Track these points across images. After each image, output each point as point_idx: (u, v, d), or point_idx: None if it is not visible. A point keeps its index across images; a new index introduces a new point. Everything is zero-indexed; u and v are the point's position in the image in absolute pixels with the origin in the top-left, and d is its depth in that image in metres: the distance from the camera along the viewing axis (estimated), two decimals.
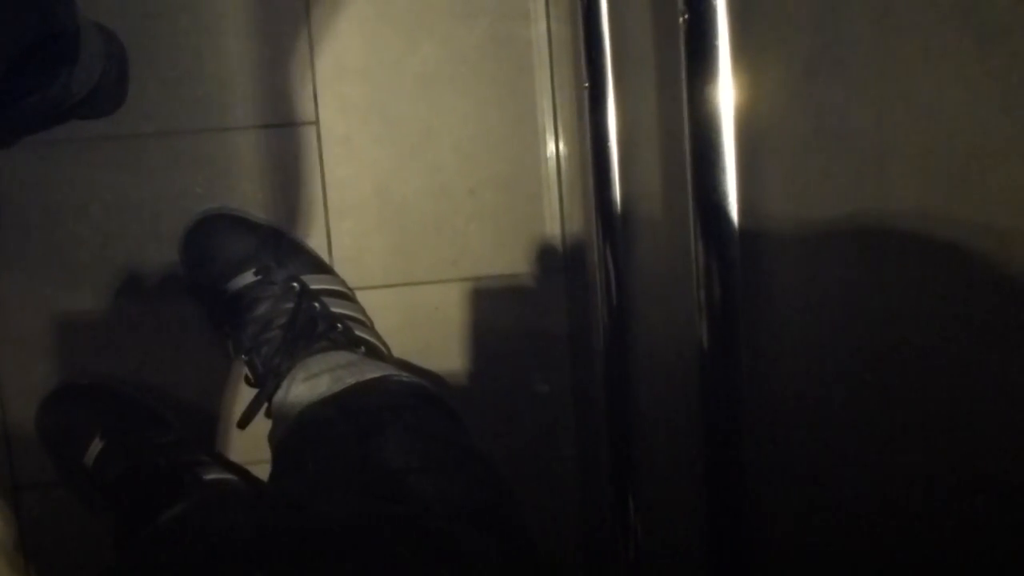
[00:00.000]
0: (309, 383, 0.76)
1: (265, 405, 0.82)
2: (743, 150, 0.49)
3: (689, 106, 0.50)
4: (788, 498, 0.50)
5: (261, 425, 0.82)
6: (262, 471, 0.91)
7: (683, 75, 0.51)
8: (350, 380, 0.75)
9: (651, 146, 0.65)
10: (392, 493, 0.56)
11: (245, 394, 0.84)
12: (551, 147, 0.93)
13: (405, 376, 0.78)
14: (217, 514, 0.54)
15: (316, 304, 0.84)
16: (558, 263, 0.94)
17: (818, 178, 0.42)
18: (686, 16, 0.49)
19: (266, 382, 0.81)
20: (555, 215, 0.93)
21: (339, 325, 0.85)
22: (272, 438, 0.79)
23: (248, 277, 0.84)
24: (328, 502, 0.55)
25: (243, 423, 0.81)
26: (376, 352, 0.88)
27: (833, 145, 0.41)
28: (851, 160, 0.39)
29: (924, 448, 0.37)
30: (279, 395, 0.79)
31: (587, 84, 0.73)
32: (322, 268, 0.90)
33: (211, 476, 0.84)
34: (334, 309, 0.86)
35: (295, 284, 0.84)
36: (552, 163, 0.93)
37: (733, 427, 0.53)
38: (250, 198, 0.90)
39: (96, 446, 0.84)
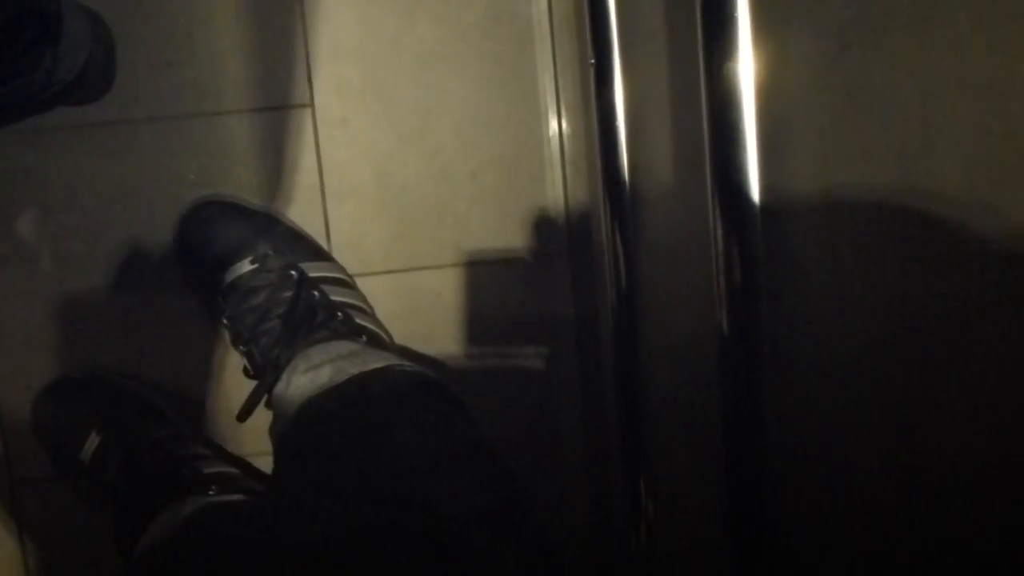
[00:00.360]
0: (310, 374, 0.75)
1: (265, 397, 0.80)
2: (765, 127, 0.47)
3: (706, 81, 0.48)
4: (810, 485, 0.50)
5: (261, 416, 0.81)
6: (263, 463, 0.91)
7: (699, 47, 0.48)
8: (352, 370, 0.73)
9: (663, 123, 0.63)
10: (401, 495, 0.55)
11: (244, 385, 0.83)
12: (554, 126, 0.91)
13: (408, 365, 0.76)
14: (221, 525, 0.52)
15: (315, 292, 0.83)
16: (562, 246, 0.93)
17: (852, 159, 0.40)
18: None
19: (265, 373, 0.79)
20: (559, 196, 0.92)
21: (339, 313, 0.83)
22: (273, 431, 0.78)
23: (245, 265, 0.83)
24: (335, 505, 0.53)
25: (243, 416, 0.80)
26: (378, 340, 0.87)
27: (870, 124, 0.39)
28: (891, 140, 0.37)
29: (950, 434, 0.36)
30: (279, 387, 0.78)
31: (593, 60, 0.71)
32: (320, 255, 0.88)
33: (211, 470, 0.83)
34: (334, 297, 0.84)
35: (293, 272, 0.83)
36: (555, 143, 0.91)
37: (754, 414, 0.52)
38: (245, 184, 0.88)
39: (93, 441, 0.83)
